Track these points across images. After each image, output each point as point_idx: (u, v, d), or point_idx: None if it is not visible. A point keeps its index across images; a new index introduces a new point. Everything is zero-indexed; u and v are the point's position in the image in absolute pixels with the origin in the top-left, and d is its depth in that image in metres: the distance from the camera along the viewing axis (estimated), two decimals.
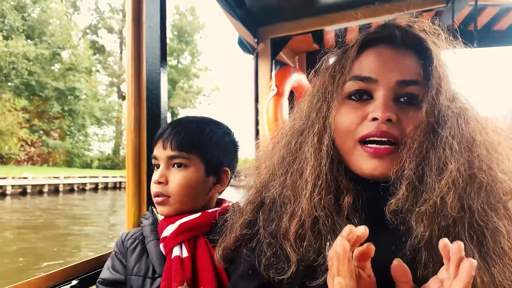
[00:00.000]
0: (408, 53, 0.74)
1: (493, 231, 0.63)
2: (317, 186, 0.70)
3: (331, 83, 0.77)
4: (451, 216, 0.61)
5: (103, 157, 47.41)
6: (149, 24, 1.53)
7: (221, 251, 0.86)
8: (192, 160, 1.12)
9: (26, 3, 35.04)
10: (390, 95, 0.71)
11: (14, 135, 33.04)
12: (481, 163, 0.65)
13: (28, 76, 34.19)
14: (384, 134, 0.68)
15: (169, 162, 1.12)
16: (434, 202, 0.62)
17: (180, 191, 1.11)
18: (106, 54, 50.57)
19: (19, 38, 33.13)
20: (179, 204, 1.12)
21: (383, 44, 0.76)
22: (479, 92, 0.74)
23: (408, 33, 0.75)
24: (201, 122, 1.19)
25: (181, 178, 1.11)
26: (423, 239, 0.62)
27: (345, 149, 0.74)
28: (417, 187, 0.65)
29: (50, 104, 37.47)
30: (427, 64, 0.71)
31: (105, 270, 1.14)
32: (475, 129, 0.68)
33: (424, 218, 0.62)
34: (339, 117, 0.74)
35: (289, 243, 0.70)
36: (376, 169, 0.69)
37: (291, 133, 0.81)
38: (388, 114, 0.68)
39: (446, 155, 0.64)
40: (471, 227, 0.62)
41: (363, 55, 0.76)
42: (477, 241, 0.62)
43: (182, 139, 1.12)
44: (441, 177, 0.63)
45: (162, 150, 1.12)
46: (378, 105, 0.70)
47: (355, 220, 0.69)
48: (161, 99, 1.52)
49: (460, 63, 0.75)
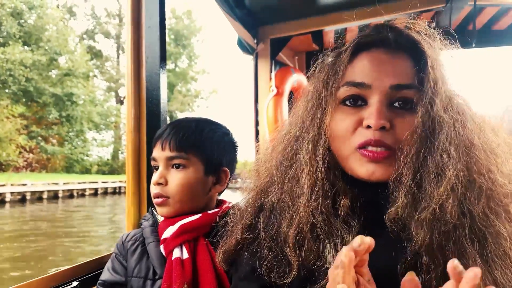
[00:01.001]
0: (403, 56, 0.73)
1: (495, 235, 0.62)
2: (314, 193, 0.70)
3: (325, 88, 0.76)
4: (451, 222, 0.61)
5: (102, 162, 47.37)
6: (149, 25, 1.54)
7: (222, 253, 0.85)
8: (191, 160, 1.12)
9: (22, 9, 35.06)
10: (384, 101, 0.70)
11: (13, 142, 33.01)
12: (480, 167, 0.64)
13: (26, 82, 34.18)
14: (377, 142, 0.67)
15: (168, 163, 1.12)
16: (433, 209, 0.61)
17: (180, 192, 1.10)
18: (104, 59, 50.67)
19: (16, 45, 33.16)
20: (179, 205, 1.11)
21: (376, 48, 0.75)
22: (477, 92, 0.73)
23: (402, 35, 0.74)
24: (200, 122, 1.19)
25: (180, 178, 1.10)
26: (423, 245, 0.61)
27: (341, 155, 0.73)
28: (416, 194, 0.64)
29: (48, 110, 37.48)
30: (422, 67, 0.70)
31: (105, 272, 1.14)
32: (473, 132, 0.67)
33: (424, 224, 0.61)
34: (334, 123, 0.73)
35: (288, 248, 0.70)
36: (373, 174, 0.68)
37: (287, 138, 0.81)
38: (381, 122, 0.67)
39: (443, 161, 0.63)
40: (472, 231, 0.62)
41: (356, 59, 0.75)
42: (478, 245, 0.61)
43: (181, 139, 1.11)
44: (440, 183, 0.62)
45: (161, 151, 1.12)
46: (372, 112, 0.68)
47: (353, 223, 0.68)
48: (160, 99, 1.52)
49: (458, 63, 0.74)
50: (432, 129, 0.66)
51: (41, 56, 35.31)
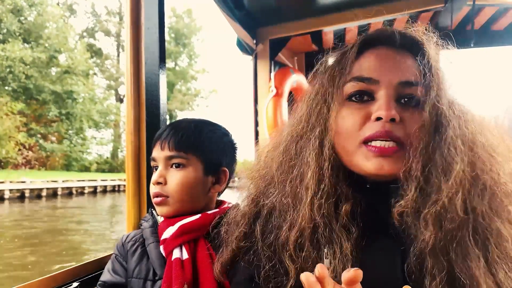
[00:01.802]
0: (407, 55, 0.74)
1: (497, 235, 0.62)
2: (319, 191, 0.69)
3: (331, 85, 0.75)
4: (458, 219, 0.60)
5: (102, 161, 47.31)
6: (148, 25, 1.54)
7: (219, 266, 0.85)
8: (191, 159, 1.12)
9: (22, 6, 34.97)
10: (392, 95, 0.70)
11: (12, 139, 32.94)
12: (483, 164, 0.65)
13: (25, 79, 34.11)
14: (388, 134, 0.67)
15: (168, 162, 1.12)
16: (443, 202, 0.61)
17: (179, 191, 1.10)
18: (103, 57, 50.54)
19: (15, 42, 33.07)
20: (179, 204, 1.11)
21: (382, 46, 0.75)
22: (476, 92, 0.74)
23: (406, 36, 0.75)
24: (199, 123, 1.20)
25: (179, 177, 1.11)
26: (428, 244, 0.61)
27: (346, 151, 0.72)
28: (424, 188, 0.64)
29: (48, 107, 37.38)
30: (426, 66, 0.70)
31: (105, 273, 1.14)
32: (475, 131, 0.67)
33: (432, 220, 0.61)
34: (341, 119, 0.73)
35: (288, 253, 0.69)
36: (382, 168, 0.67)
37: (289, 138, 0.80)
38: (392, 113, 0.67)
39: (451, 155, 0.63)
40: (475, 231, 0.62)
41: (363, 56, 0.76)
42: (482, 245, 0.61)
43: (180, 139, 1.12)
44: (448, 177, 0.62)
45: (160, 150, 1.13)
46: (381, 104, 0.69)
47: (352, 229, 0.67)
48: (160, 100, 1.52)
49: (456, 64, 0.74)
50: (440, 124, 0.66)
51: (41, 54, 35.24)
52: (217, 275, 0.86)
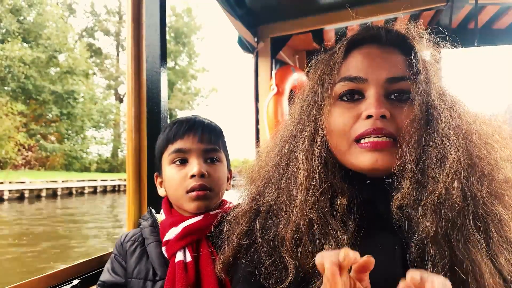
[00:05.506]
0: (394, 51, 0.75)
1: (498, 220, 0.63)
2: (310, 188, 0.71)
3: (320, 86, 0.78)
4: (457, 206, 0.61)
5: (102, 160, 47.28)
6: (149, 23, 1.54)
7: (221, 264, 0.86)
8: (222, 155, 1.14)
9: (21, 6, 34.92)
10: (381, 92, 0.72)
11: (11, 140, 32.91)
12: (479, 152, 0.66)
13: (25, 79, 34.07)
14: (380, 130, 0.68)
15: (204, 155, 1.10)
16: (439, 192, 0.62)
17: (220, 185, 1.11)
18: (103, 56, 50.51)
19: (15, 42, 33.01)
20: (216, 199, 1.11)
21: (369, 44, 0.77)
22: (478, 90, 0.75)
23: (392, 32, 0.77)
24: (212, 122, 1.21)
25: (219, 171, 1.11)
26: (430, 233, 0.61)
27: (340, 150, 0.74)
28: (420, 180, 0.65)
29: (48, 107, 37.35)
30: (414, 61, 0.72)
31: (105, 273, 1.13)
32: (468, 121, 0.69)
33: (431, 210, 0.62)
34: (332, 118, 0.75)
35: (286, 249, 0.71)
36: (377, 162, 0.69)
37: (284, 139, 0.82)
38: (382, 110, 0.69)
39: (444, 145, 0.65)
40: (476, 217, 0.63)
41: (350, 56, 0.78)
42: (483, 230, 0.62)
43: (215, 134, 1.13)
44: (443, 167, 0.64)
45: (197, 143, 1.09)
46: (371, 102, 0.70)
47: (349, 222, 0.69)
48: (161, 98, 1.52)
49: (451, 61, 0.77)
50: (431, 116, 0.68)
51: (40, 53, 35.19)
52: (219, 273, 0.88)
